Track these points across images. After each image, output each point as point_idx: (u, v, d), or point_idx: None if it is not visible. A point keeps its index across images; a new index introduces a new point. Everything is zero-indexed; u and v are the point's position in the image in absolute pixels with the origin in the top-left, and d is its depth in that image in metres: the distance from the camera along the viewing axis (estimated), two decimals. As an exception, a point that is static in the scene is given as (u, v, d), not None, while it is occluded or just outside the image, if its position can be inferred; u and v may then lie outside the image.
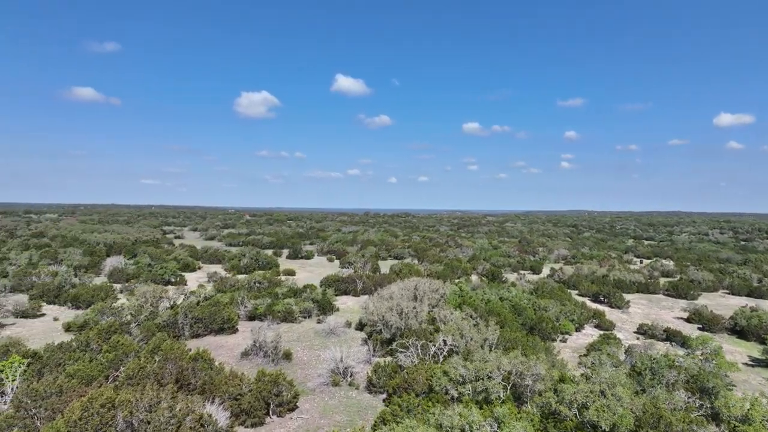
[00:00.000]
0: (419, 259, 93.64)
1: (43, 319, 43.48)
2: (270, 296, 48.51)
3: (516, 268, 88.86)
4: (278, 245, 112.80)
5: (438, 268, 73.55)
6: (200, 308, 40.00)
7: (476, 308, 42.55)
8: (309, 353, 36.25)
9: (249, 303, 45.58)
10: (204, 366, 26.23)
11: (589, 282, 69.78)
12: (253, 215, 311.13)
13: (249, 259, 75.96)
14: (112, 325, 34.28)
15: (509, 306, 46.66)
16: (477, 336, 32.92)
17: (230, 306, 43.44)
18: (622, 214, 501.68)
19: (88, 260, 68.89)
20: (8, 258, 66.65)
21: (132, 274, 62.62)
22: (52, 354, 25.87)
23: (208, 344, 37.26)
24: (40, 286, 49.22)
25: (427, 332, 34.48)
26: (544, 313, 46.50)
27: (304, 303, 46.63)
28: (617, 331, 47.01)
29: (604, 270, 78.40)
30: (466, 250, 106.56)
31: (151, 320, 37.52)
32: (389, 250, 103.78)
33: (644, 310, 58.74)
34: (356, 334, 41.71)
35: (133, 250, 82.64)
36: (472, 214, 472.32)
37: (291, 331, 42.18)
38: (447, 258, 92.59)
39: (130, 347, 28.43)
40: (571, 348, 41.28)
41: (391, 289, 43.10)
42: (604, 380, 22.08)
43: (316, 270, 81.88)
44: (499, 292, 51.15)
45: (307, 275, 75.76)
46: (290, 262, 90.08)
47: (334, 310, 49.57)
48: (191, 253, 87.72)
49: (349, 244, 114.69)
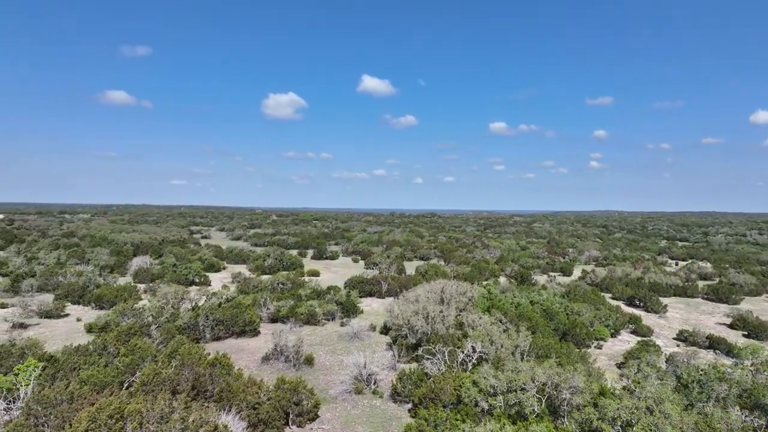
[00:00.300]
0: (445, 260, 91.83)
1: (67, 319, 43.30)
2: (293, 298, 47.51)
3: (545, 270, 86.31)
4: (303, 245, 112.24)
5: (465, 270, 71.70)
6: (221, 310, 39.16)
7: (506, 312, 40.72)
8: (332, 358, 35.01)
9: (272, 305, 44.64)
10: (222, 372, 25.18)
11: (623, 285, 67.00)
12: (279, 215, 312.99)
13: (273, 260, 75.32)
14: (132, 327, 33.62)
15: (540, 310, 44.67)
16: (507, 342, 31.18)
17: (252, 308, 42.54)
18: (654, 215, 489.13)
19: (114, 260, 69.17)
20: (37, 258, 67.40)
21: (157, 274, 62.48)
22: (68, 358, 25.17)
23: (229, 347, 36.37)
24: (66, 286, 49.24)
25: (454, 338, 32.87)
26: (578, 317, 44.37)
27: (327, 305, 45.47)
28: (655, 338, 44.60)
29: (638, 272, 75.36)
30: (493, 251, 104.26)
31: (172, 322, 36.80)
32: (415, 251, 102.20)
33: (683, 314, 55.92)
34: (381, 338, 40.33)
35: (160, 250, 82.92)
36: (498, 214, 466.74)
37: (314, 334, 41.05)
38: (474, 259, 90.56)
39: (148, 351, 27.59)
40: (607, 355, 39.11)
41: (416, 291, 41.57)
42: (650, 395, 20.20)
43: (341, 271, 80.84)
44: (530, 295, 49.14)
45: (331, 276, 74.78)
46: (315, 263, 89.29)
47: (359, 313, 48.30)
48: (216, 253, 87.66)
49: (374, 244, 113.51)
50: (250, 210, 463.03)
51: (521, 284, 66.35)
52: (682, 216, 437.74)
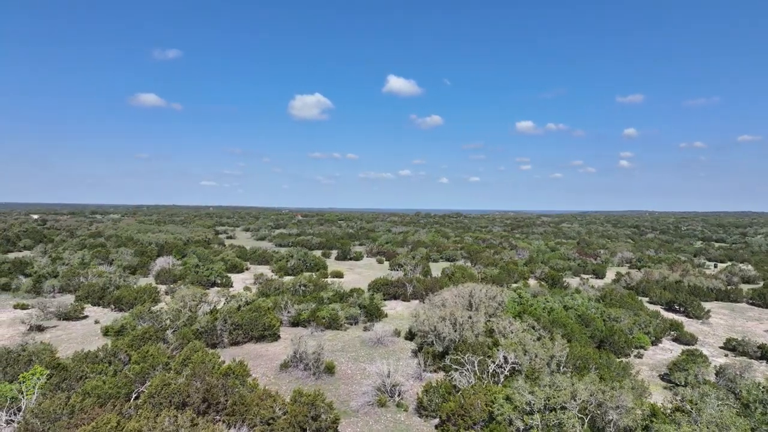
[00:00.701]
0: (472, 261, 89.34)
1: (85, 321, 42.50)
2: (315, 301, 45.92)
3: (577, 272, 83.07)
4: (327, 246, 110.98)
5: (493, 272, 69.19)
6: (240, 314, 37.75)
7: (538, 318, 38.34)
8: (353, 366, 33.20)
9: (292, 308, 43.11)
10: (235, 382, 23.58)
11: (661, 288, 63.60)
12: (304, 215, 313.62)
13: (296, 261, 74.03)
14: (147, 331, 32.41)
15: (575, 316, 42.10)
16: (542, 352, 28.87)
17: (272, 311, 41.06)
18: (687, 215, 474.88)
19: (137, 261, 68.80)
20: (62, 258, 67.43)
21: (179, 275, 61.72)
22: (75, 366, 23.91)
23: (247, 353, 34.91)
24: (86, 287, 48.61)
25: (484, 346, 30.72)
26: (615, 324, 41.67)
27: (350, 309, 43.74)
28: (700, 346, 41.59)
29: (676, 275, 71.67)
30: (522, 253, 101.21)
31: (189, 326, 35.52)
32: (440, 252, 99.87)
33: (727, 321, 52.46)
34: (405, 344, 38.38)
35: (183, 251, 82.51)
36: (525, 214, 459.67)
37: (335, 339, 39.33)
38: (502, 261, 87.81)
39: (160, 358, 26.20)
40: (649, 365, 36.38)
41: (443, 295, 39.48)
42: (711, 419, 17.79)
43: (365, 272, 79.13)
44: (563, 299, 46.56)
45: (355, 277, 73.12)
46: (339, 264, 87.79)
47: (382, 317, 46.45)
48: (240, 253, 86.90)
49: (399, 245, 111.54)
50: (277, 210, 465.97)
51: (552, 287, 63.57)
52: (716, 216, 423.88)
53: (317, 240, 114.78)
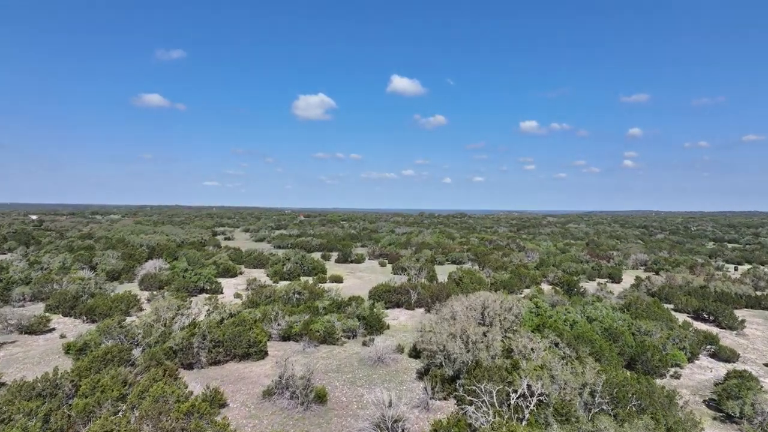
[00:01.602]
0: (480, 264, 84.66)
1: (50, 335, 37.89)
2: (309, 311, 41.35)
3: (591, 276, 78.28)
4: (328, 248, 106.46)
5: (503, 276, 64.50)
6: (222, 328, 33.21)
7: (561, 333, 33.69)
8: (349, 391, 28.59)
9: (283, 320, 38.55)
10: (200, 424, 19.02)
11: (685, 295, 58.80)
12: (307, 216, 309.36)
13: (293, 264, 69.49)
14: (110, 351, 27.90)
15: (601, 329, 37.41)
16: (573, 379, 24.24)
17: (260, 324, 36.52)
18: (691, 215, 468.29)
19: (123, 265, 64.36)
20: (40, 261, 62.92)
21: (165, 280, 57.27)
22: (2, 405, 19.38)
23: (227, 375, 30.37)
24: (57, 295, 44.03)
25: (502, 370, 26.07)
26: (646, 338, 36.95)
27: (348, 321, 39.15)
28: (741, 363, 36.86)
29: (700, 280, 66.80)
30: (531, 255, 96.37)
31: (162, 344, 31.01)
32: (446, 254, 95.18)
33: (764, 332, 47.63)
34: (409, 362, 33.77)
35: (175, 253, 78.09)
36: (529, 214, 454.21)
37: (330, 356, 34.76)
38: (511, 263, 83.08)
39: (114, 389, 21.68)
40: (689, 388, 31.64)
41: (452, 307, 34.81)
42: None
43: (366, 276, 74.56)
44: (585, 309, 41.84)
45: (355, 282, 68.55)
46: (339, 267, 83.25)
47: (384, 329, 41.85)
48: (234, 256, 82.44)
49: (402, 246, 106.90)
50: (280, 210, 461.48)
51: (568, 294, 58.85)
52: (723, 216, 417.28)
53: (317, 241, 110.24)
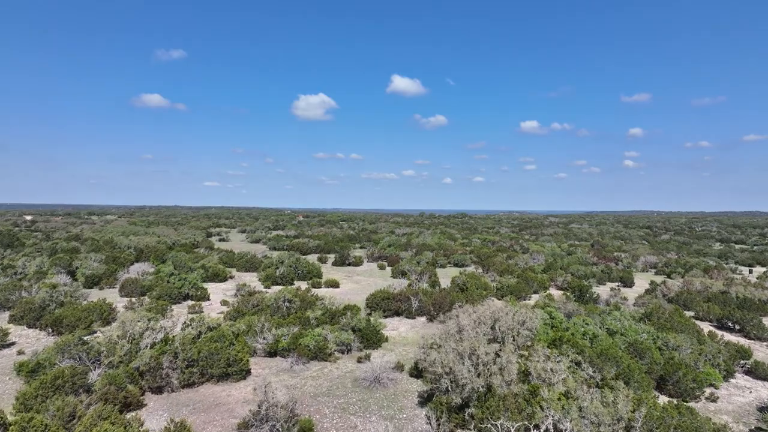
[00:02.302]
0: (483, 267, 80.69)
1: (6, 352, 33.74)
2: (299, 322, 37.41)
3: (601, 280, 74.25)
4: (325, 249, 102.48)
5: (510, 281, 60.50)
6: (198, 345, 29.26)
7: (581, 350, 29.74)
8: (341, 421, 24.64)
9: (270, 333, 34.61)
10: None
11: (705, 301, 54.88)
12: (305, 216, 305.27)
13: (286, 268, 65.51)
14: (60, 376, 23.96)
15: (624, 344, 33.45)
16: (605, 413, 20.31)
17: (242, 338, 32.58)
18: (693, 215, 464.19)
19: (105, 269, 60.38)
20: (14, 266, 58.81)
21: (147, 286, 53.34)
22: None
23: (201, 400, 26.41)
24: (23, 304, 40.03)
25: (520, 400, 22.14)
26: (675, 354, 33.00)
27: (341, 334, 35.20)
28: (781, 382, 32.95)
29: (720, 284, 62.83)
30: (537, 257, 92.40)
31: (126, 364, 27.05)
32: (448, 256, 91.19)
33: (797, 343, 43.65)
34: (410, 383, 29.81)
35: (164, 256, 74.15)
36: (530, 214, 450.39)
37: (321, 376, 30.80)
38: (517, 266, 79.09)
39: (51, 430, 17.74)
40: (730, 413, 27.67)
41: (459, 320, 30.83)
42: None
43: (364, 280, 70.58)
44: (604, 320, 37.88)
45: (352, 287, 64.59)
46: (336, 270, 79.29)
47: (382, 341, 37.91)
48: (226, 258, 78.49)
49: (402, 248, 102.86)
50: (279, 211, 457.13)
51: (580, 300, 54.92)
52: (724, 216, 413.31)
53: (314, 243, 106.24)
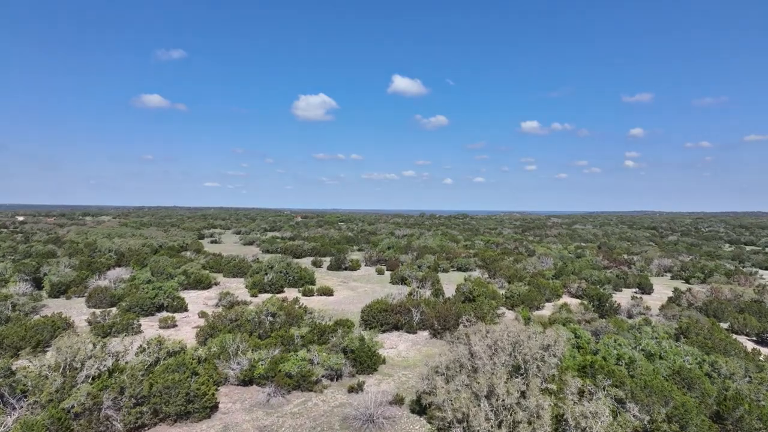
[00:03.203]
0: (489, 271, 75.30)
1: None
2: (281, 342, 31.98)
3: (617, 286, 68.76)
4: (320, 252, 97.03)
5: (520, 289, 55.03)
6: (152, 377, 23.84)
7: (620, 381, 24.32)
8: (323, 482, 19.17)
9: (245, 357, 29.18)
10: None
11: (738, 311, 49.48)
12: (304, 217, 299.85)
13: (276, 274, 60.05)
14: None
15: (668, 371, 27.99)
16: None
17: (211, 363, 27.15)
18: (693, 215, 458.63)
19: (76, 275, 54.93)
20: (-28, 273, 53.43)
21: (118, 295, 47.95)
22: None
23: (148, 452, 21.00)
24: (-38, 320, 34.75)
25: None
26: (730, 383, 27.57)
27: (330, 357, 29.78)
28: None
29: (751, 292, 57.40)
30: (545, 260, 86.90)
31: (56, 403, 21.62)
32: (451, 260, 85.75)
33: None
34: (412, 424, 24.35)
35: (146, 260, 68.77)
36: (531, 215, 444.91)
37: (303, 411, 25.37)
38: (525, 271, 73.65)
39: None
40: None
41: (471, 345, 25.36)
42: None
43: (361, 287, 65.15)
44: (638, 340, 32.44)
45: (347, 294, 59.15)
46: (330, 276, 73.84)
47: (378, 364, 32.51)
48: (213, 263, 73.04)
49: (402, 251, 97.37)
50: (279, 212, 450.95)
51: (599, 310, 49.48)
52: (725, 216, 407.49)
53: (309, 245, 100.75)
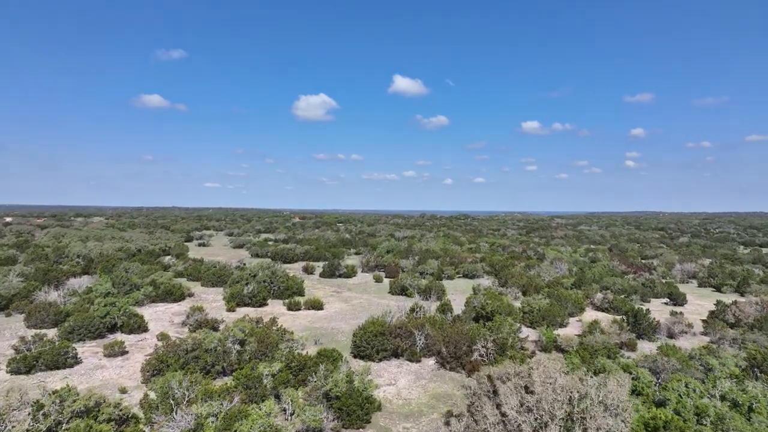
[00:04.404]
0: (499, 279, 67.70)
1: None
2: (245, 383, 24.35)
3: (645, 296, 61.01)
4: (314, 257, 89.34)
5: (540, 302, 47.32)
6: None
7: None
8: None
9: (190, 409, 21.55)
10: None
11: (798, 329, 41.77)
12: (302, 217, 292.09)
13: (257, 284, 52.41)
14: None
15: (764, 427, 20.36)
16: None
17: (138, 427, 19.54)
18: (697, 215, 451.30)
19: (23, 286, 47.36)
20: None
21: (66, 311, 40.35)
22: None
23: None
24: None
25: None
26: None
27: (305, 412, 22.14)
28: None
29: (805, 305, 49.66)
30: (559, 266, 79.15)
31: None
32: (456, 265, 78.04)
33: None
34: None
35: (113, 267, 61.17)
36: (531, 215, 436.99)
37: (262, 500, 17.72)
38: (539, 278, 65.86)
39: None
40: None
41: (501, 402, 17.70)
42: None
43: (356, 298, 57.48)
44: (711, 382, 24.76)
45: (340, 308, 51.50)
46: (322, 284, 66.19)
47: (373, 411, 24.89)
48: (192, 269, 65.40)
49: (403, 255, 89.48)
50: (278, 212, 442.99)
51: (635, 328, 41.82)
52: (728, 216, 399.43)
53: (302, 249, 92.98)
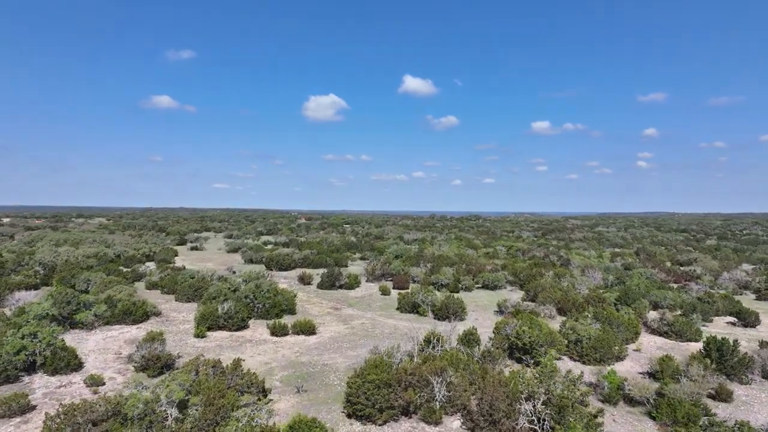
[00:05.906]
0: (527, 292, 57.71)
1: None
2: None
3: (706, 314, 50.65)
4: (313, 263, 79.66)
5: (588, 329, 37.24)
6: None
7: None
8: None
9: None
10: None
11: None
12: (308, 218, 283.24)
13: (236, 303, 42.69)
14: None
15: None
16: None
17: None
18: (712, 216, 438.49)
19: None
20: None
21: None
22: None
23: None
24: None
25: None
26: None
27: None
28: None
29: None
30: (592, 274, 68.82)
31: None
32: (474, 274, 67.92)
33: None
34: None
35: (75, 278, 51.97)
36: (541, 216, 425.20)
37: None
38: (576, 292, 55.54)
39: None
40: None
41: None
42: None
43: (357, 317, 47.67)
44: None
45: (336, 331, 41.70)
46: (319, 298, 56.47)
47: None
48: (167, 280, 55.96)
49: (413, 261, 79.25)
50: (286, 213, 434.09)
51: (721, 367, 31.79)
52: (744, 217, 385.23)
53: (300, 255, 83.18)
